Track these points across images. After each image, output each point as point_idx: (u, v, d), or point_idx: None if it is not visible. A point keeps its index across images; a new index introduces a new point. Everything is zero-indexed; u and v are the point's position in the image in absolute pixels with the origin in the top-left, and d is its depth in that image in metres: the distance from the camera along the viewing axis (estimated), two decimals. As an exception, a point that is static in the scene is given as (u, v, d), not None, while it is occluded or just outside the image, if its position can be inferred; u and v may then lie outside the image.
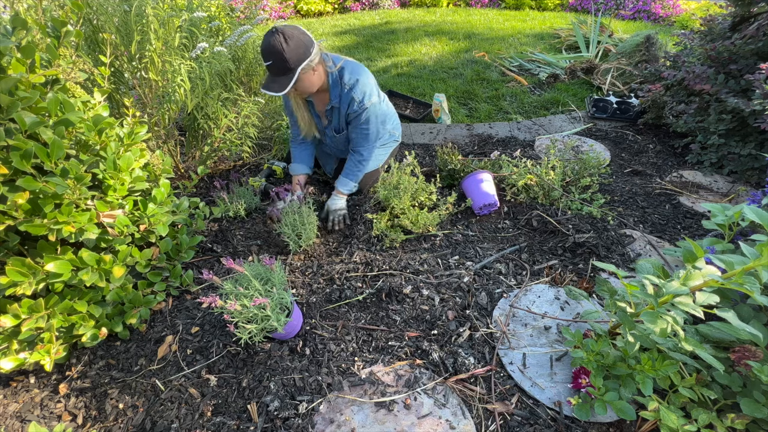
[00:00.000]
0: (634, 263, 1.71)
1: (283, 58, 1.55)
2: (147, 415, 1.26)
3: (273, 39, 1.54)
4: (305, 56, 1.60)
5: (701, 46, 2.56)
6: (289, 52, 1.56)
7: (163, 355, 1.43)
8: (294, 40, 1.56)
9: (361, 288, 1.65)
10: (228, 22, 2.44)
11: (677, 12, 5.74)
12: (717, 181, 2.32)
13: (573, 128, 3.00)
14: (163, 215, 1.42)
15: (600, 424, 1.20)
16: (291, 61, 1.57)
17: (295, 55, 1.57)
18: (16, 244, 1.20)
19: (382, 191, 1.99)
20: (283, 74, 1.61)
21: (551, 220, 1.93)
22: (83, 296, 1.32)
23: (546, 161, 2.17)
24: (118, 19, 1.87)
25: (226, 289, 1.30)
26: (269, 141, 2.73)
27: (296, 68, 1.60)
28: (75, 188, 1.14)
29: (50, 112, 1.15)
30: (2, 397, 1.32)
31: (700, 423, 1.05)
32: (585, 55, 4.16)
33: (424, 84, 3.78)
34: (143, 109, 1.93)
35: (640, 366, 1.14)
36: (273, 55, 1.56)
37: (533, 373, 1.33)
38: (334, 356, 1.40)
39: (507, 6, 6.83)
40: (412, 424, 1.20)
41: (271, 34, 1.56)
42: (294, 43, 1.56)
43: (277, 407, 1.24)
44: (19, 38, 1.16)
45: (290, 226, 1.79)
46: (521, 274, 1.71)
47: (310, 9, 6.46)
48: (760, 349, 1.05)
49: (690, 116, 2.48)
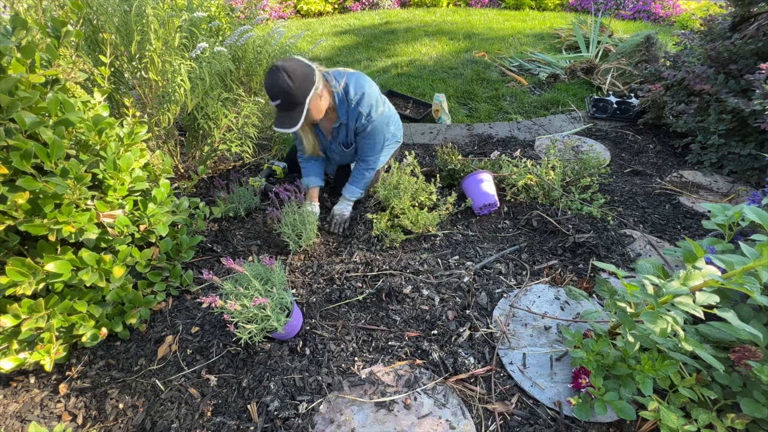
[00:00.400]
0: (634, 263, 1.71)
1: (291, 94, 1.56)
2: (147, 415, 1.26)
3: (277, 78, 1.54)
4: (310, 86, 1.61)
5: (701, 46, 2.56)
6: (296, 88, 1.56)
7: (163, 355, 1.43)
8: (297, 73, 1.56)
9: (361, 288, 1.65)
10: (228, 22, 2.44)
11: (677, 12, 5.74)
12: (717, 181, 2.32)
13: (573, 128, 3.00)
14: (163, 215, 1.42)
15: (600, 424, 1.20)
16: (298, 96, 1.57)
17: (301, 89, 1.57)
18: (16, 244, 1.20)
19: (382, 191, 1.99)
20: (292, 109, 1.61)
21: (551, 220, 1.93)
22: (83, 296, 1.32)
23: (546, 161, 2.17)
24: (118, 19, 1.87)
25: (226, 289, 1.30)
26: (269, 141, 2.73)
27: (304, 101, 1.60)
28: (75, 188, 1.14)
29: (50, 112, 1.15)
30: (2, 397, 1.32)
31: (700, 423, 1.05)
32: (585, 55, 4.16)
33: (424, 84, 3.78)
34: (143, 109, 1.93)
35: (640, 366, 1.14)
36: (280, 94, 1.56)
37: (533, 373, 1.33)
38: (334, 356, 1.40)
39: (507, 6, 6.83)
40: (412, 424, 1.20)
41: (273, 73, 1.55)
42: (298, 77, 1.56)
43: (277, 407, 1.24)
44: (19, 38, 1.16)
45: (290, 226, 1.79)
46: (521, 274, 1.71)
47: (310, 9, 6.46)
48: (760, 349, 1.05)
49: (690, 116, 2.48)
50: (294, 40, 2.94)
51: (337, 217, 2.01)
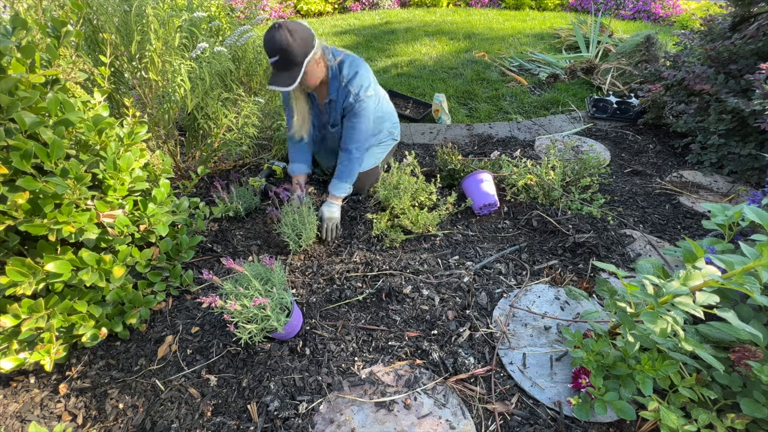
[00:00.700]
0: (634, 263, 1.71)
1: (290, 52, 1.55)
2: (147, 415, 1.26)
3: (278, 34, 1.53)
4: (310, 49, 1.61)
5: (701, 46, 2.56)
6: (296, 46, 1.55)
7: (163, 355, 1.43)
8: (298, 33, 1.56)
9: (361, 288, 1.65)
10: (228, 22, 2.44)
11: (677, 12, 5.74)
12: (717, 181, 2.32)
13: (573, 128, 3.00)
14: (163, 215, 1.42)
15: (600, 424, 1.20)
16: (298, 55, 1.57)
17: (301, 49, 1.57)
18: (16, 244, 1.20)
19: (382, 191, 1.99)
20: (289, 69, 1.60)
21: (551, 220, 1.93)
22: (83, 296, 1.32)
23: (546, 161, 2.17)
24: (118, 19, 1.87)
25: (226, 289, 1.30)
26: (269, 141, 2.73)
27: (303, 62, 1.60)
28: (75, 188, 1.14)
29: (50, 112, 1.15)
30: (2, 397, 1.32)
31: (700, 423, 1.05)
32: (585, 55, 4.16)
33: (424, 84, 3.78)
34: (143, 109, 1.93)
35: (640, 366, 1.14)
36: (279, 51, 1.55)
37: (533, 373, 1.33)
38: (334, 356, 1.40)
39: (507, 6, 6.83)
40: (412, 424, 1.20)
41: (275, 29, 1.54)
42: (299, 37, 1.56)
43: (277, 407, 1.24)
44: (19, 38, 1.16)
45: (290, 226, 1.79)
46: (521, 274, 1.71)
47: (310, 9, 6.46)
48: (760, 349, 1.05)
49: (690, 116, 2.48)
50: (294, 40, 2.93)
51: (328, 223, 1.90)
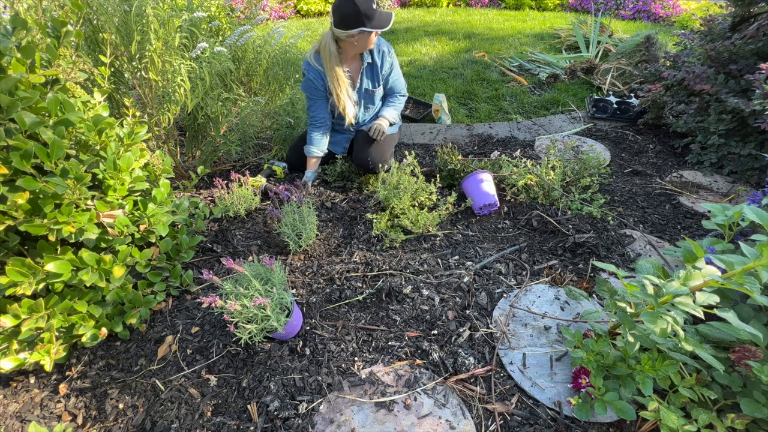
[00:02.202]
0: (634, 263, 1.71)
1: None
2: (147, 415, 1.26)
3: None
4: None
5: (701, 46, 2.56)
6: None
7: (163, 355, 1.43)
8: None
9: (361, 288, 1.65)
10: (228, 22, 2.44)
11: (677, 12, 5.74)
12: (717, 181, 2.32)
13: (573, 128, 3.00)
14: (163, 215, 1.42)
15: (600, 424, 1.19)
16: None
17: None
18: (16, 244, 1.20)
19: (382, 191, 1.99)
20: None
21: (551, 220, 1.93)
22: (83, 296, 1.32)
23: (546, 161, 2.17)
24: (118, 19, 1.87)
25: (226, 289, 1.30)
26: (269, 141, 2.73)
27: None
28: (75, 188, 1.14)
29: (50, 112, 1.15)
30: (2, 397, 1.32)
31: (700, 423, 1.05)
32: (585, 55, 4.16)
33: (424, 84, 3.78)
34: (143, 109, 1.93)
35: (640, 366, 1.14)
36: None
37: (533, 373, 1.33)
38: (334, 356, 1.40)
39: (507, 6, 6.83)
40: (412, 424, 1.20)
41: None
42: None
43: (277, 407, 1.24)
44: (19, 38, 1.16)
45: (290, 226, 1.79)
46: (521, 274, 1.71)
47: (310, 9, 6.46)
48: (760, 349, 1.05)
49: (690, 116, 2.48)
50: (294, 40, 2.94)
51: (378, 125, 2.15)
